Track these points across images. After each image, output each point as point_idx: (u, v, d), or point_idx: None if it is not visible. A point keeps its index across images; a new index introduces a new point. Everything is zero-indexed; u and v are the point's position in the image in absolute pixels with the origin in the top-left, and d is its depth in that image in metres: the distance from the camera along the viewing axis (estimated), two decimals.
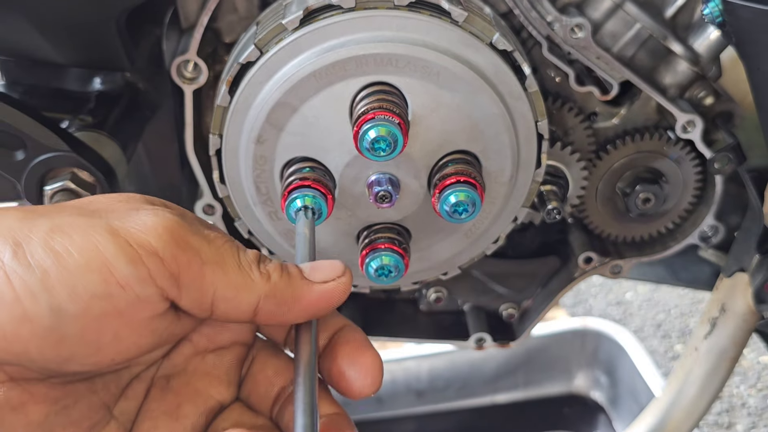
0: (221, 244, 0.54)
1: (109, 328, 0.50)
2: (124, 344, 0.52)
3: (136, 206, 0.54)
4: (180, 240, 0.52)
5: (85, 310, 0.49)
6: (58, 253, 0.49)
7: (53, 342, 0.49)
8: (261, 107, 0.75)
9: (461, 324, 1.18)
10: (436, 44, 0.74)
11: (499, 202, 0.83)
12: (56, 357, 0.50)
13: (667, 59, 0.97)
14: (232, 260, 0.54)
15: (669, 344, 2.35)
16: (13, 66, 0.94)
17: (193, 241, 0.53)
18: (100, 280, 0.49)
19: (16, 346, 0.49)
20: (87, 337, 0.50)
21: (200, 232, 0.54)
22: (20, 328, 0.48)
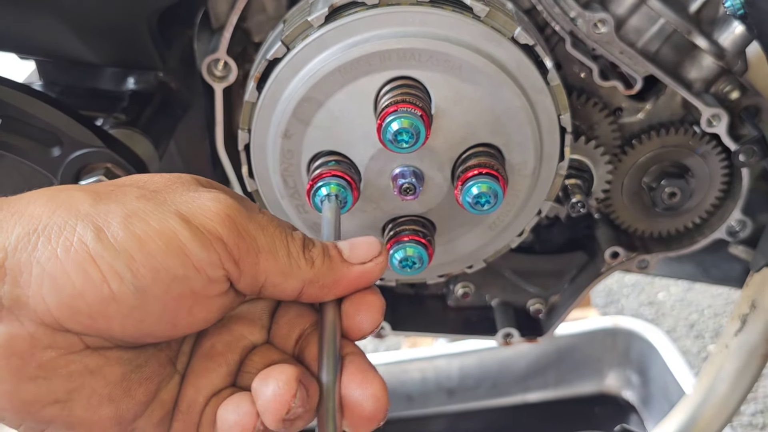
0: (273, 231, 0.59)
1: (185, 307, 0.55)
2: (196, 320, 0.57)
3: (193, 187, 0.59)
4: (241, 227, 0.56)
5: (166, 290, 0.54)
6: (140, 238, 0.53)
7: (136, 320, 0.54)
8: (288, 102, 0.77)
9: (489, 319, 1.19)
10: (459, 39, 0.75)
11: (522, 194, 0.84)
12: (136, 333, 0.55)
13: (692, 54, 0.97)
14: (282, 248, 0.58)
15: (702, 344, 2.33)
16: (50, 67, 0.97)
17: (250, 229, 0.57)
18: (179, 263, 0.53)
19: (101, 324, 0.53)
20: (166, 316, 0.55)
21: (255, 218, 0.58)
22: (107, 307, 0.52)
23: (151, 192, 0.57)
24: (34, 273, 0.51)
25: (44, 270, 0.51)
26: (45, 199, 0.55)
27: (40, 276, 0.51)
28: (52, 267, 0.51)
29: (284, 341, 0.63)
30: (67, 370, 0.54)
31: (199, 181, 0.61)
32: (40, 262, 0.51)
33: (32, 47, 0.92)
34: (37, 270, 0.51)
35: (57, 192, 0.56)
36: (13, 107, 0.80)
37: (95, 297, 0.52)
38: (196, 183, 0.60)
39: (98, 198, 0.55)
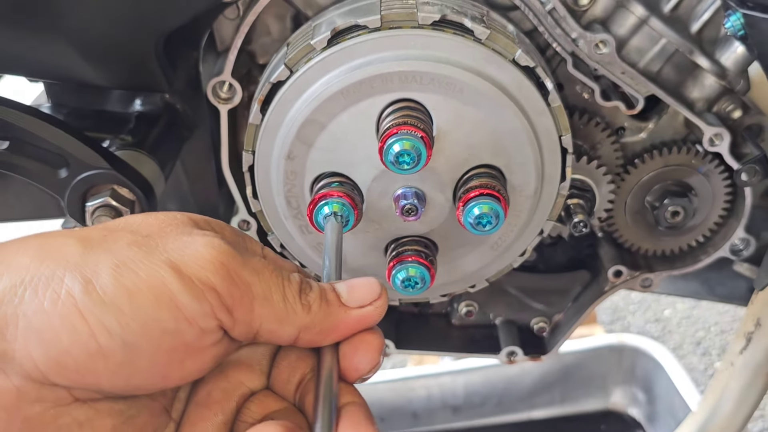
0: (269, 276, 0.57)
1: (176, 360, 0.54)
2: (188, 372, 0.55)
3: (187, 230, 0.57)
4: (234, 274, 0.55)
5: (157, 345, 0.52)
6: (129, 290, 0.51)
7: (125, 375, 0.52)
8: (291, 124, 0.78)
9: (493, 338, 1.19)
10: (460, 61, 0.76)
11: (524, 215, 0.84)
12: (126, 386, 0.53)
13: (693, 74, 0.98)
14: (278, 293, 0.57)
15: (709, 361, 2.32)
16: (58, 90, 0.98)
17: (245, 275, 0.55)
18: (170, 316, 0.52)
19: (89, 379, 0.52)
20: (157, 369, 0.53)
21: (250, 263, 0.57)
22: (95, 363, 0.51)
23: (144, 237, 0.55)
24: (21, 326, 0.50)
25: (31, 323, 0.50)
26: (34, 248, 0.53)
27: (27, 330, 0.50)
28: (38, 321, 0.50)
29: (284, 387, 0.61)
30: (56, 424, 0.53)
31: (195, 221, 0.59)
32: (27, 315, 0.50)
33: (41, 70, 0.93)
34: (23, 323, 0.50)
35: (47, 240, 0.54)
36: (20, 129, 0.81)
37: (83, 352, 0.51)
38: (192, 224, 0.59)
39: (88, 246, 0.53)
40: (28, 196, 1.00)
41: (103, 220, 0.83)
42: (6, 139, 0.83)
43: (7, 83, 1.15)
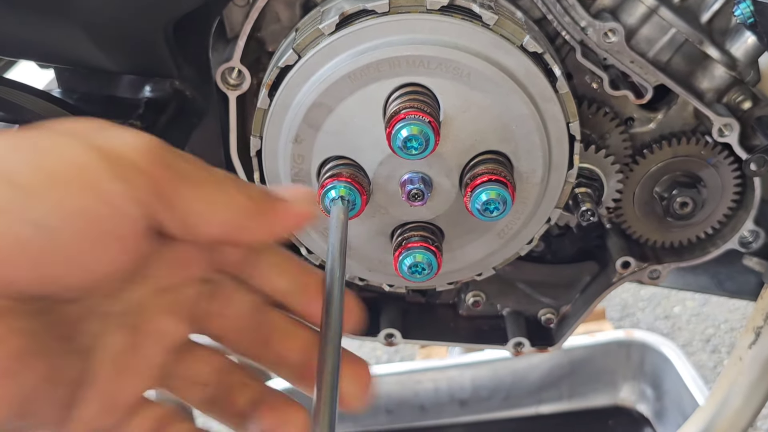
0: (204, 166, 0.53)
1: (99, 247, 0.48)
2: (111, 262, 0.49)
3: (111, 126, 0.52)
4: (166, 161, 0.50)
5: (78, 230, 0.47)
6: (49, 175, 0.47)
7: (44, 264, 0.46)
8: (299, 108, 0.78)
9: (500, 329, 1.19)
10: (467, 46, 0.76)
11: (531, 202, 0.84)
12: (43, 278, 0.47)
13: (703, 64, 0.97)
14: (212, 179, 0.53)
15: (718, 359, 2.31)
16: (68, 75, 0.99)
17: (178, 163, 0.51)
18: (93, 200, 0.47)
19: (5, 270, 0.45)
20: (78, 257, 0.47)
21: (185, 156, 0.53)
22: (11, 250, 0.45)
23: (66, 129, 0.50)
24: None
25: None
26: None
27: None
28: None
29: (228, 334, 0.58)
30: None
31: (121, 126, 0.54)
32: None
33: (52, 55, 0.93)
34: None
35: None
36: (30, 112, 0.81)
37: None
38: (116, 126, 0.53)
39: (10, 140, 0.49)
40: None
41: None
42: (16, 123, 0.83)
43: (19, 70, 1.15)
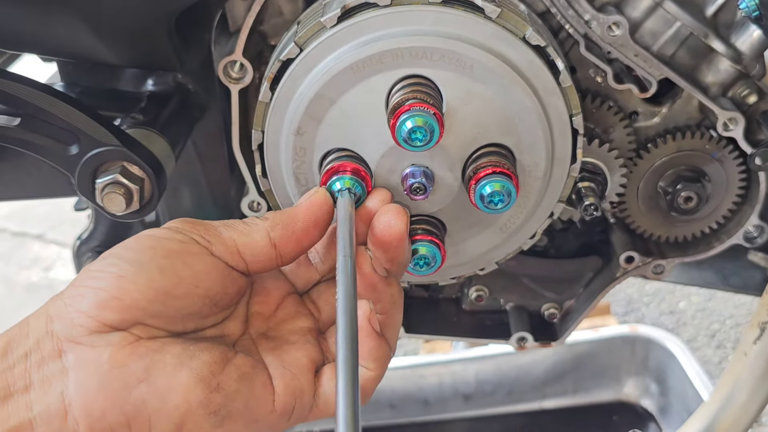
0: (225, 222, 0.73)
1: (177, 261, 0.67)
2: (194, 272, 0.67)
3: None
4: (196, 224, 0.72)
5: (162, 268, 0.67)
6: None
7: (145, 283, 0.65)
8: (300, 100, 0.77)
9: (503, 323, 1.19)
10: (470, 38, 0.76)
11: (534, 196, 0.84)
12: (155, 295, 0.65)
13: (708, 58, 0.97)
14: (237, 222, 0.72)
15: (723, 354, 2.30)
16: (71, 69, 0.99)
17: (206, 225, 0.72)
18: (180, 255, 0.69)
19: (135, 312, 0.64)
20: (166, 271, 0.66)
21: (207, 223, 0.73)
22: (120, 283, 0.65)
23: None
24: (67, 302, 0.65)
25: (72, 292, 0.65)
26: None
27: (71, 298, 0.65)
28: (73, 290, 0.66)
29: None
30: (136, 353, 0.63)
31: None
32: (65, 295, 0.66)
33: (54, 48, 0.93)
34: (68, 299, 0.65)
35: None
36: (32, 106, 0.81)
37: (109, 283, 0.64)
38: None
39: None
40: (39, 174, 1.00)
41: (112, 198, 0.83)
42: (18, 116, 0.83)
43: (22, 64, 1.15)
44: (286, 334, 0.74)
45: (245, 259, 0.70)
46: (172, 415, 0.63)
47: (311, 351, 0.72)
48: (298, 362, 0.70)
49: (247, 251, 0.71)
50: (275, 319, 0.75)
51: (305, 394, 0.69)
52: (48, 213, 3.57)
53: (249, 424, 0.67)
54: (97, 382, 0.62)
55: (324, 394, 0.70)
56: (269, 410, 0.67)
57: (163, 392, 0.63)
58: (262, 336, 0.74)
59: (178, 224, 0.70)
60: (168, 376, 0.63)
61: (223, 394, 0.65)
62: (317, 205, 0.72)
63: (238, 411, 0.66)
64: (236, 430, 0.66)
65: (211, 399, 0.64)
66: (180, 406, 0.63)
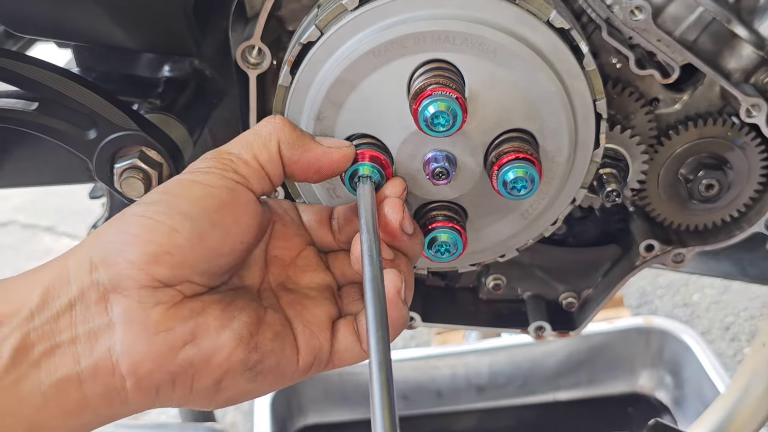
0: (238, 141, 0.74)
1: (228, 216, 0.68)
2: (241, 226, 0.68)
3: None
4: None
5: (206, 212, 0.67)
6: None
7: (198, 239, 0.65)
8: (321, 84, 0.77)
9: (521, 313, 1.18)
10: (493, 22, 0.75)
11: (556, 182, 0.83)
12: (205, 252, 0.66)
13: (731, 43, 0.96)
14: (249, 137, 0.73)
15: (738, 347, 2.29)
16: (87, 55, 0.99)
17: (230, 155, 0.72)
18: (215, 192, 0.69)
19: (185, 270, 0.64)
20: (217, 226, 0.66)
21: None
22: (171, 238, 0.64)
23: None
24: (112, 249, 0.64)
25: (119, 239, 0.64)
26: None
27: (118, 246, 0.64)
28: (120, 236, 0.64)
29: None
30: (181, 316, 0.64)
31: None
32: (110, 239, 0.65)
33: (71, 33, 0.93)
34: (113, 245, 0.64)
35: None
36: (50, 89, 0.80)
37: (162, 236, 0.64)
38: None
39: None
40: (56, 160, 1.00)
41: (131, 182, 0.83)
42: (35, 100, 0.83)
43: (36, 51, 1.15)
44: (304, 288, 0.75)
45: (268, 174, 0.71)
46: (215, 372, 0.66)
47: (329, 308, 0.73)
48: (317, 319, 0.72)
49: (269, 166, 0.71)
50: (294, 267, 0.76)
51: (324, 351, 0.71)
52: (58, 205, 3.58)
53: (277, 379, 0.70)
54: (145, 345, 0.63)
55: (340, 350, 0.72)
56: (294, 368, 0.70)
57: (208, 353, 0.65)
58: (282, 287, 0.75)
59: (217, 165, 0.70)
60: (212, 339, 0.65)
61: (260, 353, 0.67)
62: (339, 153, 0.73)
63: (270, 368, 0.68)
64: (266, 384, 0.69)
65: (249, 357, 0.67)
66: (222, 364, 0.65)
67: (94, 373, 0.62)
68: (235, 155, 0.71)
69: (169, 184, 0.68)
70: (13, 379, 0.60)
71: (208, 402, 0.69)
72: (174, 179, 0.69)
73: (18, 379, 0.60)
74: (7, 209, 3.63)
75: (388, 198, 0.74)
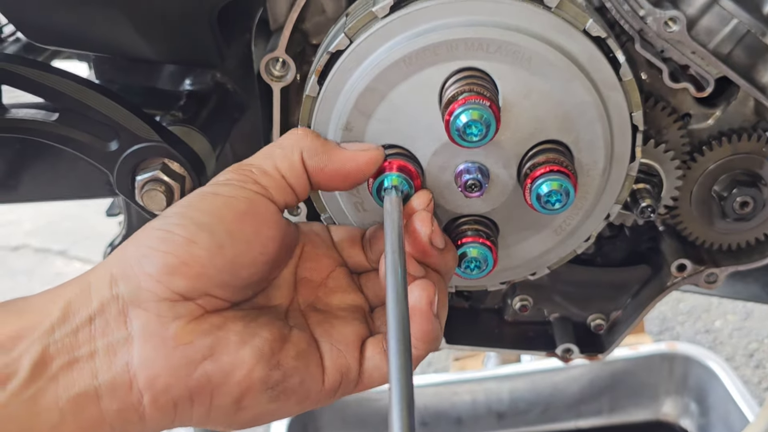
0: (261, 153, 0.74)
1: (247, 226, 0.66)
2: (263, 237, 0.67)
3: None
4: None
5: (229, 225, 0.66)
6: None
7: (217, 250, 0.64)
8: (350, 94, 0.75)
9: (547, 335, 1.15)
10: (528, 29, 0.73)
11: (591, 196, 0.80)
12: (227, 265, 0.64)
13: (765, 57, 0.93)
14: (271, 149, 0.72)
15: (763, 374, 2.24)
16: (107, 67, 0.97)
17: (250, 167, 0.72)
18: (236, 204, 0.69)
19: (203, 282, 0.63)
20: (236, 237, 0.65)
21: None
22: (191, 249, 0.63)
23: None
24: (131, 259, 0.64)
25: (138, 253, 0.63)
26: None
27: (137, 259, 0.63)
28: (139, 250, 0.64)
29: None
30: (200, 330, 0.63)
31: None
32: (129, 254, 0.64)
33: (94, 43, 0.91)
34: (134, 259, 0.63)
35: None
36: (71, 99, 0.79)
37: (178, 248, 0.63)
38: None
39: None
40: (75, 173, 0.98)
41: (152, 195, 0.81)
42: (56, 111, 0.81)
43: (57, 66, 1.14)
44: (334, 308, 0.73)
45: (292, 185, 0.70)
46: (234, 390, 0.64)
47: (359, 327, 0.72)
48: (345, 339, 0.70)
49: (291, 177, 0.70)
50: (324, 288, 0.75)
51: (351, 371, 0.70)
52: (71, 229, 3.58)
53: (301, 400, 0.68)
54: (163, 359, 0.62)
55: (368, 369, 0.70)
56: (319, 388, 0.68)
57: (227, 369, 0.64)
58: (311, 308, 0.73)
59: (237, 177, 0.69)
60: (231, 354, 0.64)
61: (282, 371, 0.66)
62: (365, 157, 0.72)
63: (293, 388, 0.67)
64: (289, 405, 0.67)
65: (270, 375, 0.65)
66: (242, 382, 0.64)
67: (112, 389, 0.61)
68: (256, 166, 0.70)
69: (189, 197, 0.68)
70: (31, 393, 0.59)
71: (229, 422, 0.67)
72: (194, 192, 0.69)
73: (36, 393, 0.59)
74: (20, 233, 3.63)
75: (417, 211, 0.72)
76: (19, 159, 0.97)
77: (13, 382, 0.58)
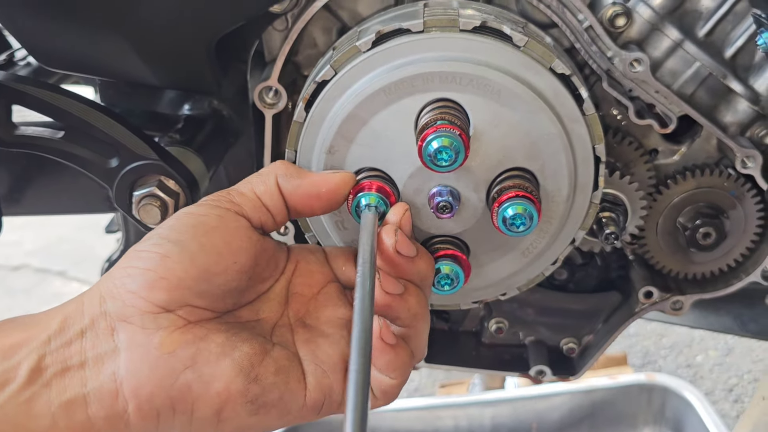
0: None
1: (217, 238, 0.71)
2: (232, 248, 0.71)
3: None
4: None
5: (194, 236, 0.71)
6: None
7: (189, 262, 0.68)
8: (333, 120, 0.81)
9: (522, 358, 1.20)
10: (498, 65, 0.79)
11: (556, 221, 0.86)
12: (198, 272, 0.68)
13: (727, 98, 1.00)
14: (251, 177, 0.78)
15: (741, 408, 2.28)
16: (111, 92, 1.03)
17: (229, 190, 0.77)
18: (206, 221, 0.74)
19: (182, 293, 0.68)
20: (207, 248, 0.70)
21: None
22: (173, 273, 0.67)
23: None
24: (117, 280, 0.68)
25: (122, 273, 0.68)
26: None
27: (121, 279, 0.68)
28: (123, 270, 0.69)
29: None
30: (183, 340, 0.67)
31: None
32: (114, 275, 0.69)
33: (99, 68, 0.98)
34: (118, 280, 0.68)
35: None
36: (77, 118, 0.85)
37: (155, 264, 0.67)
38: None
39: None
40: (76, 189, 1.04)
41: (148, 209, 0.87)
42: (62, 129, 0.87)
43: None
44: (323, 323, 0.76)
45: (267, 206, 0.75)
46: (213, 401, 0.67)
47: (344, 348, 0.74)
48: (330, 360, 0.73)
49: (267, 198, 0.75)
50: (315, 302, 0.78)
51: (334, 392, 0.72)
52: (70, 250, 3.63)
53: (282, 415, 0.70)
54: (147, 367, 0.66)
55: None
56: (301, 404, 0.71)
57: (207, 379, 0.67)
58: (301, 323, 0.76)
59: (213, 198, 0.74)
60: (212, 365, 0.67)
61: (260, 385, 0.69)
62: (327, 181, 0.77)
63: (272, 402, 0.69)
64: (270, 419, 0.70)
65: (249, 389, 0.68)
66: (221, 393, 0.67)
67: (99, 396, 0.66)
68: (233, 189, 0.76)
69: (168, 220, 0.73)
70: (27, 396, 0.64)
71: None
72: (173, 215, 0.74)
73: (31, 397, 0.64)
74: (21, 254, 3.68)
75: (386, 225, 0.76)
76: (24, 174, 1.03)
77: (11, 386, 0.64)
